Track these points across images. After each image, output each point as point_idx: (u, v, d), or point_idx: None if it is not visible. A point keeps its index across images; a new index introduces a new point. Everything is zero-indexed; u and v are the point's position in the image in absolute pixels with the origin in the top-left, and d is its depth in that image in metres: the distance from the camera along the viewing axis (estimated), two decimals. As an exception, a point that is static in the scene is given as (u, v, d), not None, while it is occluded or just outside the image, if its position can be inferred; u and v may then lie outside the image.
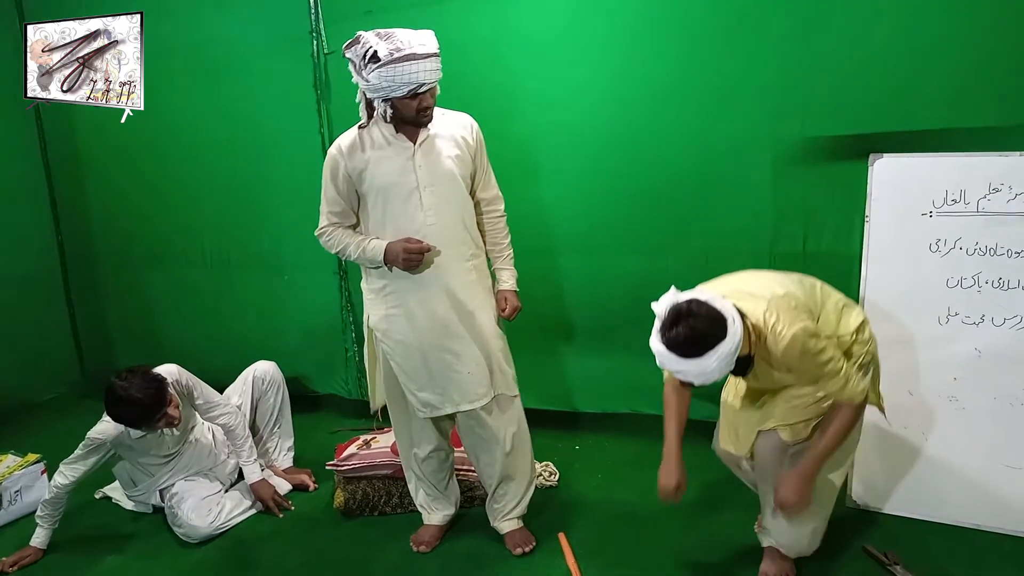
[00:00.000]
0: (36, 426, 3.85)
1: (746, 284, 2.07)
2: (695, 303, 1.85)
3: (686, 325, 1.82)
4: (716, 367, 1.83)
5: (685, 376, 1.89)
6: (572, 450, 3.25)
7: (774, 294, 2.01)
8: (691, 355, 1.83)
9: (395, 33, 2.10)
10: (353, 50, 2.16)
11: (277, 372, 3.13)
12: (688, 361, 1.83)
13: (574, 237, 3.15)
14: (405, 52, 2.07)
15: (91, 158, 3.99)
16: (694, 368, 1.84)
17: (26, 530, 2.73)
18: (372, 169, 2.27)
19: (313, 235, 2.47)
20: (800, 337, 1.91)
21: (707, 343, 1.81)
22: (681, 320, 1.83)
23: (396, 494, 2.81)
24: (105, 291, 4.19)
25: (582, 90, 3.00)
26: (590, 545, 2.51)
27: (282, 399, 3.15)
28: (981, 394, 2.46)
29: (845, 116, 2.69)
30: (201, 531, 2.65)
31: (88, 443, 2.61)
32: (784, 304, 1.98)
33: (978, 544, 2.40)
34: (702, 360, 1.82)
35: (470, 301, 2.35)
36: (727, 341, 1.81)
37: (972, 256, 2.43)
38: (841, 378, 1.98)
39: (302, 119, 3.41)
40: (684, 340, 1.82)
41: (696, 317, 1.82)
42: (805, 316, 1.99)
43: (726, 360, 1.83)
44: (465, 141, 2.33)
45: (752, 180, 2.86)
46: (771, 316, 1.94)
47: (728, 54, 2.79)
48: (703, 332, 1.81)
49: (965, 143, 2.50)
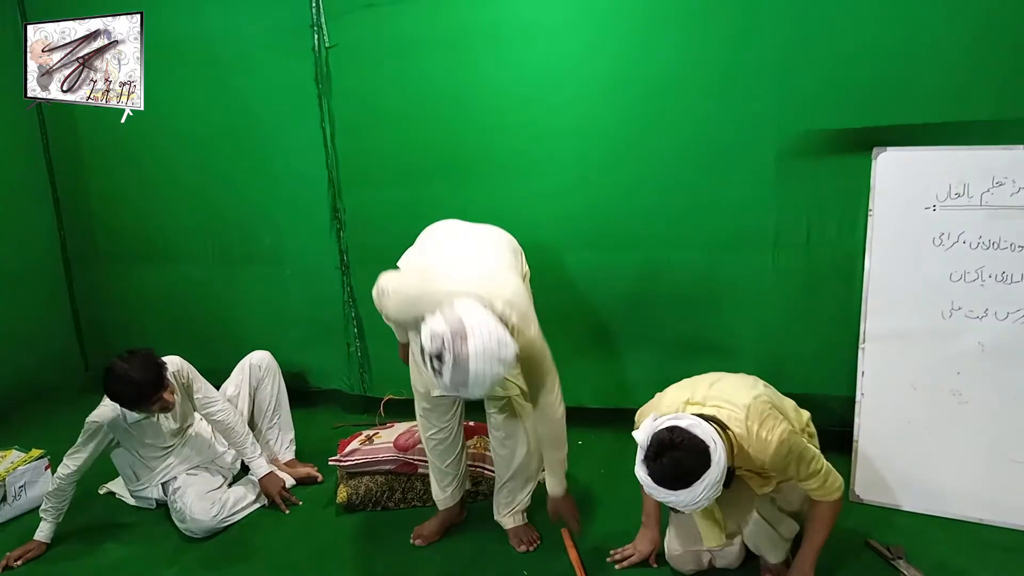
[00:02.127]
0: (40, 422, 3.85)
1: (720, 391, 2.05)
2: (677, 433, 1.83)
3: (670, 458, 1.81)
4: (704, 495, 1.82)
5: (676, 505, 1.87)
6: (575, 445, 3.22)
7: (752, 398, 2.01)
8: (678, 488, 1.82)
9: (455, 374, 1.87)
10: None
11: (272, 361, 3.14)
12: (676, 493, 1.82)
13: (574, 231, 3.14)
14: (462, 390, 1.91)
15: (93, 153, 3.99)
16: (684, 498, 1.82)
17: (30, 525, 2.74)
18: None
19: (314, 229, 2.45)
20: (787, 440, 1.93)
21: (693, 474, 1.80)
22: (665, 452, 1.82)
23: (399, 489, 2.81)
24: (107, 286, 4.20)
25: (585, 82, 2.99)
26: (593, 540, 2.51)
27: (279, 389, 3.15)
28: (985, 388, 2.45)
29: (848, 109, 2.68)
30: (204, 525, 2.66)
31: (86, 428, 2.65)
32: (762, 408, 1.99)
33: (981, 538, 2.40)
34: (690, 491, 1.81)
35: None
36: (712, 470, 1.81)
37: (976, 250, 2.42)
38: (821, 476, 2.00)
39: (303, 113, 3.40)
40: (670, 475, 1.81)
41: (679, 449, 1.81)
42: (781, 417, 2.01)
43: (713, 488, 1.82)
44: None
45: (755, 174, 2.85)
46: (753, 424, 1.94)
47: (731, 47, 2.78)
48: (688, 466, 1.80)
49: (969, 136, 2.49)
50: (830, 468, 2.03)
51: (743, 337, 2.99)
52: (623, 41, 2.91)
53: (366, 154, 3.37)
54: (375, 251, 2.64)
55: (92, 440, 2.65)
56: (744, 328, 3.01)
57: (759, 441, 1.93)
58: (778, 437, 1.92)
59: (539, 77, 3.03)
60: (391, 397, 3.37)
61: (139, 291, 4.09)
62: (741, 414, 1.96)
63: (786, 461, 1.95)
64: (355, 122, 3.35)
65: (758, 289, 2.96)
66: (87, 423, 2.66)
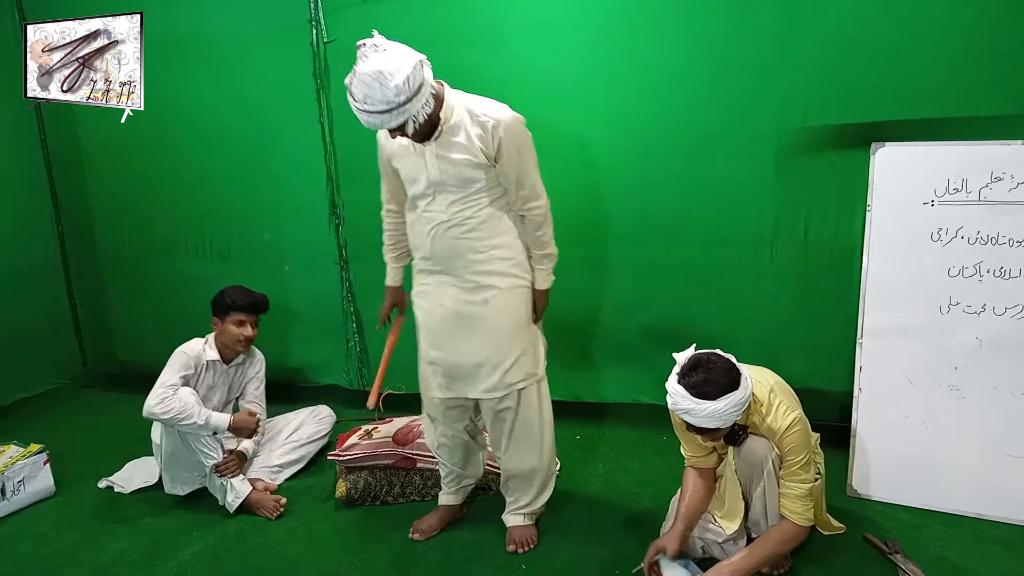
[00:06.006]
0: (38, 417, 3.86)
1: (748, 367, 2.15)
2: (715, 355, 2.03)
3: (705, 369, 1.99)
4: (726, 411, 1.96)
5: (694, 416, 1.99)
6: (573, 439, 3.25)
7: (775, 380, 2.21)
8: (705, 397, 1.96)
9: (353, 81, 2.00)
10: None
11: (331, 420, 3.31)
12: (701, 402, 1.96)
13: (575, 227, 3.14)
14: (354, 105, 2.03)
15: (91, 150, 3.98)
16: (706, 409, 1.96)
17: (29, 520, 2.75)
18: (397, 161, 2.28)
19: (313, 224, 2.46)
20: (801, 422, 2.10)
21: (722, 388, 1.96)
22: (700, 366, 2.00)
23: (398, 484, 2.81)
24: (106, 283, 4.19)
25: (583, 79, 2.99)
26: (591, 534, 2.52)
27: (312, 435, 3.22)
28: (982, 383, 2.46)
29: (847, 105, 2.69)
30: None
31: (175, 356, 2.84)
32: (787, 390, 2.22)
33: (979, 532, 2.41)
34: (715, 403, 1.95)
35: (475, 302, 2.29)
36: (739, 391, 1.97)
37: (974, 245, 2.43)
38: (807, 488, 2.09)
39: (302, 108, 3.41)
40: (701, 383, 1.97)
41: (715, 365, 2.00)
42: (800, 408, 2.17)
43: (736, 408, 1.97)
44: (481, 144, 2.14)
45: (754, 169, 2.85)
46: (775, 397, 2.13)
47: (728, 43, 2.79)
48: (719, 378, 1.97)
49: (967, 131, 2.50)
50: (817, 495, 2.20)
51: (741, 332, 3.00)
52: (620, 38, 2.92)
53: (365, 149, 3.32)
54: (374, 246, 2.64)
55: (180, 370, 2.81)
56: (742, 323, 3.01)
57: (777, 412, 2.10)
58: (794, 416, 2.09)
59: (537, 73, 3.03)
60: (390, 392, 3.36)
61: (137, 288, 4.09)
62: (766, 386, 2.15)
63: (793, 441, 2.08)
64: (354, 117, 3.33)
65: (756, 284, 2.96)
66: (176, 352, 2.87)
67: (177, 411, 2.66)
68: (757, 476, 2.14)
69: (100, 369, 4.35)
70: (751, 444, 2.13)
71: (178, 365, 2.82)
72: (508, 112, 2.17)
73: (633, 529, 2.52)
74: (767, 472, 2.12)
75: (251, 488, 2.79)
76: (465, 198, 2.21)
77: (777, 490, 2.14)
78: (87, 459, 3.24)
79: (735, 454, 2.18)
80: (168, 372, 2.79)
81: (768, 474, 2.12)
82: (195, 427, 2.69)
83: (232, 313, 2.92)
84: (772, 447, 2.12)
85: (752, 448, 2.13)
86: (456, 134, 2.15)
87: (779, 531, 2.12)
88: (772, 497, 2.14)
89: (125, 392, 3.89)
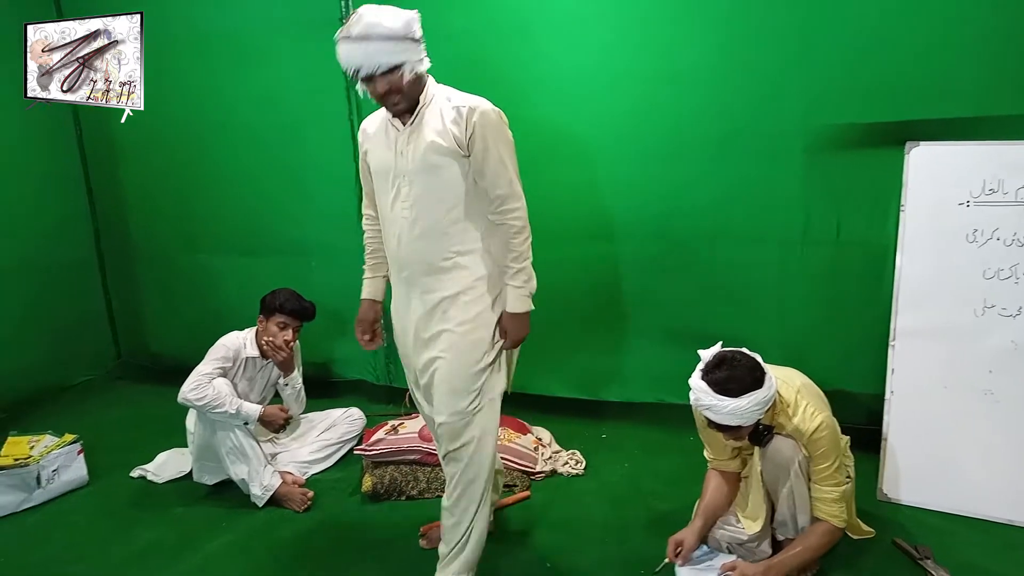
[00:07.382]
0: (73, 408, 3.93)
1: (773, 369, 2.14)
2: (740, 353, 2.04)
3: (729, 367, 2.00)
4: (748, 409, 1.96)
5: (716, 413, 1.99)
6: (598, 438, 3.24)
7: (802, 382, 2.20)
8: (727, 394, 1.96)
9: (360, 11, 1.93)
10: None
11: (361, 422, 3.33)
12: (723, 399, 1.96)
13: (599, 224, 3.14)
14: (342, 33, 1.91)
15: (125, 148, 4.05)
16: (727, 406, 1.96)
17: (63, 508, 2.81)
18: (371, 153, 2.18)
19: (341, 220, 2.45)
20: (828, 424, 2.08)
21: (745, 387, 1.97)
22: (725, 363, 2.01)
23: (423, 479, 2.83)
24: (140, 277, 4.27)
25: (610, 76, 2.98)
26: (616, 533, 2.51)
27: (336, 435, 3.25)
28: (1017, 387, 2.41)
29: (881, 103, 2.65)
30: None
31: (215, 348, 2.91)
32: (815, 391, 2.21)
33: (1011, 539, 2.37)
34: (737, 400, 1.95)
35: (436, 312, 2.11)
36: (763, 390, 1.98)
37: (1010, 247, 2.38)
38: (840, 492, 2.09)
39: (332, 105, 3.44)
40: (724, 379, 1.98)
41: (739, 363, 2.01)
42: (828, 409, 2.16)
43: (758, 407, 1.97)
44: (454, 129, 2.00)
45: (781, 167, 2.83)
46: (802, 399, 2.12)
47: (759, 40, 2.76)
48: (742, 376, 1.98)
49: (1003, 131, 2.45)
50: (848, 498, 2.17)
51: (770, 332, 2.97)
52: (648, 35, 2.91)
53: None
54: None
55: (219, 363, 2.86)
56: (772, 323, 2.98)
57: (805, 413, 2.08)
58: (822, 418, 2.07)
59: (565, 69, 3.03)
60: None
61: (169, 282, 4.16)
62: (793, 387, 2.14)
63: (822, 444, 2.06)
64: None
65: (786, 284, 2.93)
66: (217, 344, 2.94)
67: (210, 399, 2.71)
68: (784, 477, 2.12)
69: (133, 361, 4.43)
70: (777, 444, 2.11)
71: (217, 356, 2.88)
72: (487, 103, 2.04)
73: (658, 529, 2.51)
74: (794, 472, 2.10)
75: (281, 481, 2.82)
76: (430, 192, 2.04)
77: (806, 491, 2.12)
78: (120, 450, 3.29)
79: (760, 455, 2.16)
80: (206, 362, 2.85)
81: (795, 475, 2.10)
82: (226, 416, 2.73)
83: (278, 315, 2.99)
84: (799, 448, 2.10)
85: (778, 448, 2.11)
86: (431, 117, 2.03)
87: (816, 534, 2.11)
88: (801, 498, 2.12)
89: (157, 384, 3.96)
